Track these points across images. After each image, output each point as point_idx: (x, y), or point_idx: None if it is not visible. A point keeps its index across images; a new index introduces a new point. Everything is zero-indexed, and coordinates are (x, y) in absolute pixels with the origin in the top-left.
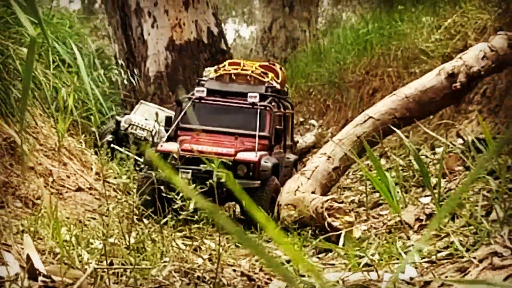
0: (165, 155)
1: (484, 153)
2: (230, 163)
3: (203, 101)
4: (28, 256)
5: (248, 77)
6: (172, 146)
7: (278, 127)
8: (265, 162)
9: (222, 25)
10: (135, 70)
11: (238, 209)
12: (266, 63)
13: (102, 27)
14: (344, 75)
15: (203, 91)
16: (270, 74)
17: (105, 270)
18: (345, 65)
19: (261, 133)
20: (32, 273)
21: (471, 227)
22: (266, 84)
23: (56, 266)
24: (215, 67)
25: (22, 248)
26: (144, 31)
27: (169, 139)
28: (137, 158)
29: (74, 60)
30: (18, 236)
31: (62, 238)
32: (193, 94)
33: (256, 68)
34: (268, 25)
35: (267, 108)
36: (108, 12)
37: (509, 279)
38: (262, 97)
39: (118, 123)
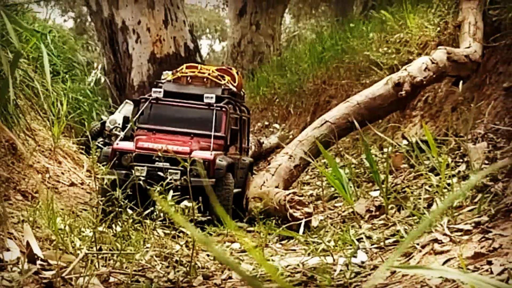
0: (121, 153)
1: (425, 152)
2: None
3: (160, 101)
4: (27, 242)
5: (205, 79)
6: (128, 145)
7: (233, 127)
8: (220, 160)
9: (197, 40)
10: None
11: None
12: (223, 67)
13: (92, 42)
14: (303, 84)
15: (160, 92)
16: (227, 78)
17: (95, 255)
18: (304, 76)
19: (217, 133)
20: (31, 258)
21: (415, 217)
22: (222, 87)
23: (52, 251)
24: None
25: (23, 236)
26: (129, 46)
27: (126, 138)
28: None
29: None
30: (19, 225)
31: (57, 227)
32: (150, 95)
33: (213, 71)
34: (237, 41)
35: (223, 109)
36: (97, 30)
37: (448, 263)
38: (219, 99)
39: (103, 123)
